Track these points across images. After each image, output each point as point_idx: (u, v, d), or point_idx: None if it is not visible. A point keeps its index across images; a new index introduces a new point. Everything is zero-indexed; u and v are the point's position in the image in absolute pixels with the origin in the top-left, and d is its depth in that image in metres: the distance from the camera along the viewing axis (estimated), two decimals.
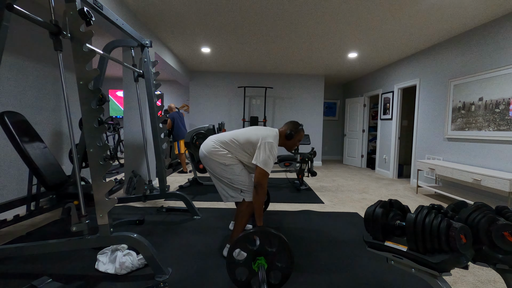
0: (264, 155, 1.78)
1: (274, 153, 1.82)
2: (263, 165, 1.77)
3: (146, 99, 3.26)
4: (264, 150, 1.79)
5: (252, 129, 1.95)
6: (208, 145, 1.90)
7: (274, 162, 1.88)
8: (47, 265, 1.79)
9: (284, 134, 1.97)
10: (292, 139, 1.98)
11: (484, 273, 1.83)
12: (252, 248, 1.49)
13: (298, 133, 1.99)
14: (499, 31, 3.16)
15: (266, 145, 1.80)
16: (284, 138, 1.97)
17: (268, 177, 1.82)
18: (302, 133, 2.01)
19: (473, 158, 3.50)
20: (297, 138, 1.99)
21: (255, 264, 1.47)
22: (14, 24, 2.64)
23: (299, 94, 6.80)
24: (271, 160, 1.80)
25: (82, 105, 1.54)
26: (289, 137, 1.96)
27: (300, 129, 1.99)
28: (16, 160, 2.67)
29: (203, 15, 3.33)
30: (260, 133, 1.87)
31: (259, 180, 1.77)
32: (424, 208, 1.10)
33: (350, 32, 3.78)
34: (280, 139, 1.96)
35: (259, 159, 1.78)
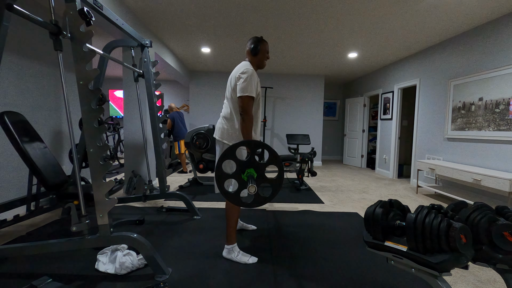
0: (242, 85, 1.77)
1: (254, 78, 1.80)
2: (242, 92, 1.76)
3: (146, 99, 3.26)
4: (240, 81, 1.79)
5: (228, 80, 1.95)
6: (218, 128, 1.95)
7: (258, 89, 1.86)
8: (47, 265, 1.79)
9: (250, 53, 1.94)
10: (259, 52, 1.94)
11: (484, 273, 1.83)
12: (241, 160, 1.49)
13: (262, 43, 1.94)
14: (499, 31, 3.16)
15: (241, 76, 1.79)
16: (252, 57, 1.95)
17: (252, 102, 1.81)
18: (265, 43, 1.97)
19: (473, 158, 3.50)
20: (263, 49, 1.95)
21: (244, 174, 1.48)
22: (14, 24, 2.64)
23: (299, 94, 6.80)
24: (251, 84, 1.78)
25: (82, 105, 1.54)
26: (254, 51, 1.93)
27: (260, 39, 1.95)
28: (16, 160, 2.67)
29: (203, 15, 3.33)
30: (233, 73, 1.89)
31: (243, 106, 1.77)
32: (424, 208, 1.10)
33: (350, 32, 3.78)
34: (251, 63, 1.93)
35: (239, 91, 1.78)
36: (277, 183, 1.50)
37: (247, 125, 1.78)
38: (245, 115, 1.77)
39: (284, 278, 1.69)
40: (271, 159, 1.47)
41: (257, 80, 1.85)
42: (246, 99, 1.77)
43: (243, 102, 1.77)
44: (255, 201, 1.51)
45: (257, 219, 2.76)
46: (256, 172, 1.48)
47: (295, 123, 6.85)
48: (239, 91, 1.78)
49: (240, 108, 1.79)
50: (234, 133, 1.88)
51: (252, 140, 1.51)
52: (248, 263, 1.85)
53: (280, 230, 2.48)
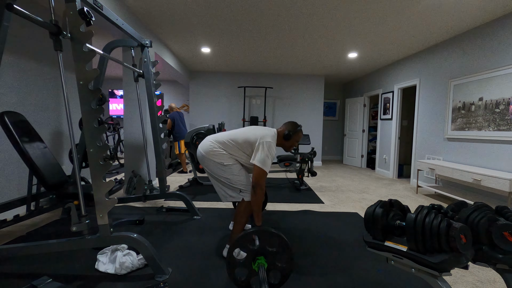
0: (262, 155, 1.77)
1: (273, 153, 1.82)
2: (261, 165, 1.76)
3: (146, 99, 3.26)
4: (263, 149, 1.78)
5: (251, 128, 1.94)
6: (206, 145, 1.90)
7: (272, 161, 1.88)
8: (47, 265, 1.79)
9: (282, 134, 1.96)
10: (290, 140, 1.97)
11: (484, 273, 1.83)
12: (252, 248, 1.49)
13: (296, 134, 1.98)
14: (499, 31, 3.16)
15: (265, 144, 1.79)
16: (282, 138, 1.97)
17: (266, 176, 1.82)
18: (300, 134, 2.01)
19: (473, 158, 3.50)
20: (295, 139, 1.99)
21: (255, 264, 1.47)
22: (14, 24, 2.64)
23: (299, 94, 6.80)
24: (269, 159, 1.79)
25: (82, 105, 1.54)
26: (287, 137, 1.95)
27: (298, 130, 1.98)
28: (16, 160, 2.67)
29: (203, 15, 3.33)
30: (258, 132, 1.87)
31: (257, 180, 1.76)
32: (424, 208, 1.10)
33: (350, 32, 3.78)
34: (278, 139, 1.96)
35: (257, 159, 1.77)
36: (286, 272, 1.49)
37: (258, 198, 1.77)
38: (258, 188, 1.76)
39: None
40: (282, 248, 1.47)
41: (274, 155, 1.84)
42: (261, 173, 1.76)
43: (259, 174, 1.76)
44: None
45: None
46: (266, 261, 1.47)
47: None
48: (259, 161, 1.76)
49: (254, 179, 1.77)
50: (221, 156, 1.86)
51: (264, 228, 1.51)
52: None
53: (280, 230, 2.48)
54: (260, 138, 1.82)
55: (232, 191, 1.90)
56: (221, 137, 1.91)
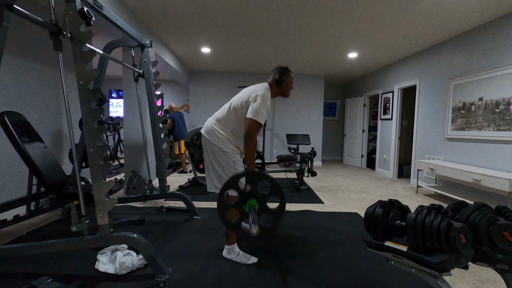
0: (256, 106, 1.74)
1: (267, 105, 1.79)
2: (253, 115, 1.73)
3: (146, 99, 3.26)
4: (255, 101, 1.76)
5: (242, 91, 1.93)
6: (207, 127, 1.92)
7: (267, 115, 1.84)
8: (47, 265, 1.79)
9: (274, 81, 1.92)
10: (283, 84, 1.92)
11: (484, 273, 1.83)
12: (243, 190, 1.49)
13: (287, 75, 1.93)
14: (499, 31, 3.16)
15: (257, 97, 1.77)
16: (275, 86, 1.92)
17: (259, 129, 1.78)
18: (291, 74, 1.95)
19: (473, 158, 3.50)
20: (288, 80, 1.94)
21: (246, 206, 1.47)
22: (14, 24, 2.64)
23: (299, 94, 6.80)
24: (264, 111, 1.76)
25: (82, 105, 1.54)
26: (279, 82, 1.91)
27: (287, 70, 1.93)
28: (16, 160, 2.67)
29: (203, 15, 3.33)
30: (250, 90, 1.86)
31: (249, 130, 1.74)
32: (424, 208, 1.10)
33: (350, 32, 3.78)
34: (272, 90, 1.91)
35: (249, 111, 1.75)
36: (278, 214, 1.48)
37: (250, 149, 1.76)
38: (249, 139, 1.74)
39: (284, 278, 1.69)
40: (273, 191, 1.46)
41: (269, 107, 1.83)
42: (254, 124, 1.74)
43: (251, 125, 1.74)
44: None
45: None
46: (258, 203, 1.47)
47: (295, 123, 6.85)
48: (251, 112, 1.75)
49: (246, 130, 1.75)
50: (226, 141, 1.85)
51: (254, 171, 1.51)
52: (248, 263, 1.85)
53: (280, 230, 2.48)
54: (253, 93, 1.80)
55: (219, 182, 1.88)
56: (218, 113, 1.93)
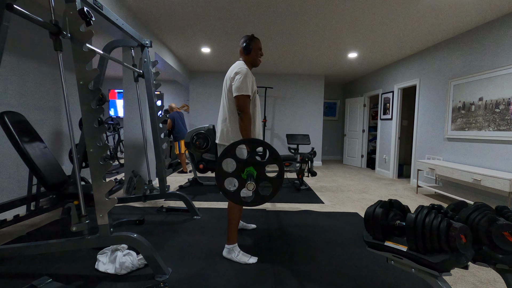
0: (237, 84, 1.78)
1: (248, 76, 1.80)
2: (238, 91, 1.77)
3: (146, 99, 3.27)
4: (234, 79, 1.80)
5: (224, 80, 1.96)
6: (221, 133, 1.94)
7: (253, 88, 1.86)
8: (47, 265, 1.79)
9: (242, 52, 1.94)
10: (252, 51, 1.94)
11: (484, 273, 1.83)
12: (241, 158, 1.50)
13: (254, 41, 1.94)
14: (499, 31, 3.16)
15: (236, 75, 1.80)
16: (244, 55, 1.95)
17: (249, 100, 1.81)
18: (257, 40, 1.96)
19: (473, 158, 3.50)
20: (256, 47, 1.95)
21: (244, 173, 1.48)
22: (14, 24, 2.64)
23: (299, 94, 6.80)
24: (246, 83, 1.78)
25: (82, 105, 1.54)
26: (247, 50, 1.92)
27: (252, 36, 1.95)
28: (16, 160, 2.67)
29: (203, 15, 3.33)
30: (228, 74, 1.90)
31: (240, 106, 1.77)
32: (424, 208, 1.10)
33: (350, 32, 3.78)
34: (245, 61, 1.94)
35: (233, 89, 1.79)
36: (277, 182, 1.49)
37: (245, 124, 1.78)
38: (243, 114, 1.77)
39: (284, 278, 1.69)
40: (271, 158, 1.47)
41: (252, 78, 1.85)
42: (242, 98, 1.78)
43: (240, 101, 1.78)
44: (255, 200, 1.51)
45: (257, 219, 2.76)
46: (256, 170, 1.48)
47: (295, 123, 6.85)
48: (235, 90, 1.79)
49: (237, 107, 1.79)
50: (233, 133, 1.87)
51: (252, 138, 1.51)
52: (248, 263, 1.85)
53: (280, 230, 2.48)
54: (230, 75, 1.84)
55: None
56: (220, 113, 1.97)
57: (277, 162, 1.47)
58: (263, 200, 1.50)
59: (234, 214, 1.90)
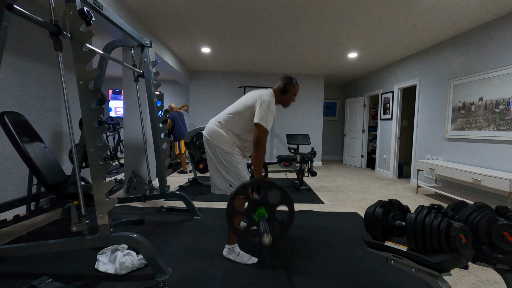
0: (262, 112, 1.77)
1: (272, 110, 1.82)
2: (262, 122, 1.76)
3: (146, 99, 3.26)
4: (261, 107, 1.79)
5: (248, 94, 1.95)
6: (209, 128, 1.92)
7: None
8: (47, 265, 1.79)
9: (279, 89, 1.95)
10: (287, 93, 1.95)
11: (484, 273, 1.83)
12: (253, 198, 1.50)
13: (293, 86, 1.96)
14: (499, 31, 3.16)
15: (263, 103, 1.80)
16: (279, 93, 1.95)
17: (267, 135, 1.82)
18: (296, 86, 1.98)
19: (473, 158, 3.50)
20: (292, 92, 1.96)
21: (256, 214, 1.48)
22: (14, 24, 2.64)
23: (299, 94, 6.79)
24: (270, 117, 1.79)
25: (82, 105, 1.54)
26: (284, 91, 1.94)
27: (294, 83, 1.96)
28: (16, 160, 2.67)
29: (203, 15, 3.33)
30: (255, 94, 1.88)
31: (259, 138, 1.77)
32: (424, 208, 1.10)
33: (350, 32, 3.78)
34: (276, 95, 1.95)
35: (259, 117, 1.77)
36: (287, 224, 1.49)
37: (260, 156, 1.78)
38: (259, 145, 1.77)
39: (284, 278, 1.69)
40: (283, 200, 1.47)
41: (274, 113, 1.85)
42: (263, 130, 1.77)
43: (260, 132, 1.77)
44: None
45: None
46: (267, 211, 1.48)
47: (295, 123, 6.85)
48: (259, 118, 1.77)
49: (255, 137, 1.78)
50: (230, 143, 1.86)
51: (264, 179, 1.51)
52: (248, 263, 1.85)
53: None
54: (258, 98, 1.83)
55: (223, 183, 1.89)
56: (223, 115, 1.94)
57: (288, 203, 1.46)
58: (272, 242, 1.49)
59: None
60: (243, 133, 1.88)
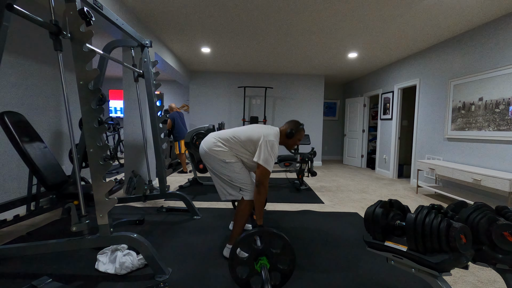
0: (266, 153, 1.77)
1: (275, 152, 1.82)
2: (265, 164, 1.76)
3: (146, 99, 3.26)
4: (266, 148, 1.78)
5: (253, 126, 1.95)
6: (208, 142, 1.90)
7: (275, 161, 1.89)
8: (47, 265, 1.79)
9: (285, 132, 1.96)
10: (292, 138, 1.98)
11: (484, 273, 1.83)
12: (254, 247, 1.49)
13: (299, 132, 1.99)
14: (499, 31, 3.16)
15: (268, 143, 1.79)
16: (284, 136, 1.97)
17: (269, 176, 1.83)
18: (302, 133, 2.01)
19: (473, 158, 3.49)
20: (297, 137, 1.99)
21: (258, 264, 1.47)
22: (14, 24, 2.64)
23: (299, 94, 6.80)
24: (272, 158, 1.80)
25: (82, 105, 1.54)
26: (289, 135, 1.96)
27: (300, 128, 1.99)
28: (16, 160, 2.67)
29: (203, 15, 3.33)
30: (261, 131, 1.87)
31: (261, 179, 1.77)
32: (424, 208, 1.10)
33: (350, 32, 3.78)
34: (281, 137, 1.96)
35: (261, 158, 1.77)
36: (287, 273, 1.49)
37: (261, 197, 1.78)
38: (261, 187, 1.77)
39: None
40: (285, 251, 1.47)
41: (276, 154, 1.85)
42: (266, 171, 1.77)
43: (262, 173, 1.77)
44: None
45: None
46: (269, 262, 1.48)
47: None
48: (262, 159, 1.77)
49: (258, 178, 1.78)
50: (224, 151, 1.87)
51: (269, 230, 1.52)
52: None
53: (280, 230, 2.48)
54: (264, 137, 1.82)
55: (232, 189, 1.91)
56: (224, 134, 1.91)
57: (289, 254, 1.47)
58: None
59: (244, 217, 1.91)
60: (241, 156, 1.89)
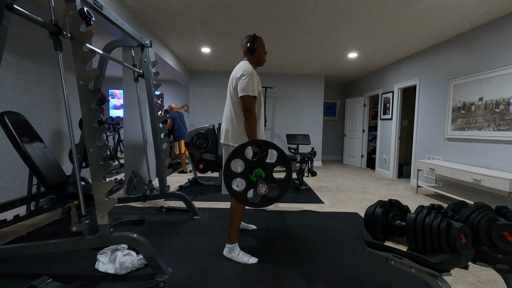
0: (243, 83, 1.79)
1: (254, 77, 1.81)
2: (244, 92, 1.78)
3: (146, 99, 3.26)
4: (240, 79, 1.81)
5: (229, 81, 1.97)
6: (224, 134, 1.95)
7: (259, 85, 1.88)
8: (47, 265, 1.79)
9: (247, 52, 1.96)
10: (256, 50, 1.95)
11: (484, 273, 1.83)
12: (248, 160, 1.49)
13: (257, 40, 1.96)
14: (499, 31, 3.16)
15: (242, 76, 1.81)
16: (250, 56, 1.96)
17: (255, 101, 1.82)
18: (259, 39, 1.98)
19: (473, 158, 3.49)
20: (260, 45, 1.96)
21: (253, 175, 1.48)
22: (14, 24, 2.64)
23: (299, 94, 6.80)
24: (252, 83, 1.79)
25: (82, 105, 1.54)
26: (252, 50, 1.94)
27: (254, 36, 1.96)
28: (16, 160, 2.67)
29: (203, 15, 3.33)
30: (233, 75, 1.90)
31: (246, 106, 1.79)
32: (424, 208, 1.10)
33: (350, 32, 3.78)
34: (250, 61, 1.95)
35: (239, 89, 1.80)
36: (285, 184, 1.49)
37: (251, 124, 1.79)
38: (248, 114, 1.78)
39: (284, 279, 1.69)
40: (280, 159, 1.47)
41: (257, 78, 1.86)
42: (248, 99, 1.78)
43: (245, 101, 1.79)
44: (262, 201, 1.51)
45: (258, 219, 2.76)
46: (264, 171, 1.48)
47: (295, 123, 6.85)
48: (241, 91, 1.80)
49: (243, 107, 1.80)
50: (238, 133, 1.88)
51: (260, 140, 1.51)
52: (248, 263, 1.85)
53: (280, 230, 2.48)
54: (236, 75, 1.84)
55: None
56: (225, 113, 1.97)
57: (285, 163, 1.47)
58: (270, 202, 1.50)
59: (237, 214, 1.90)
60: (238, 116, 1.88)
